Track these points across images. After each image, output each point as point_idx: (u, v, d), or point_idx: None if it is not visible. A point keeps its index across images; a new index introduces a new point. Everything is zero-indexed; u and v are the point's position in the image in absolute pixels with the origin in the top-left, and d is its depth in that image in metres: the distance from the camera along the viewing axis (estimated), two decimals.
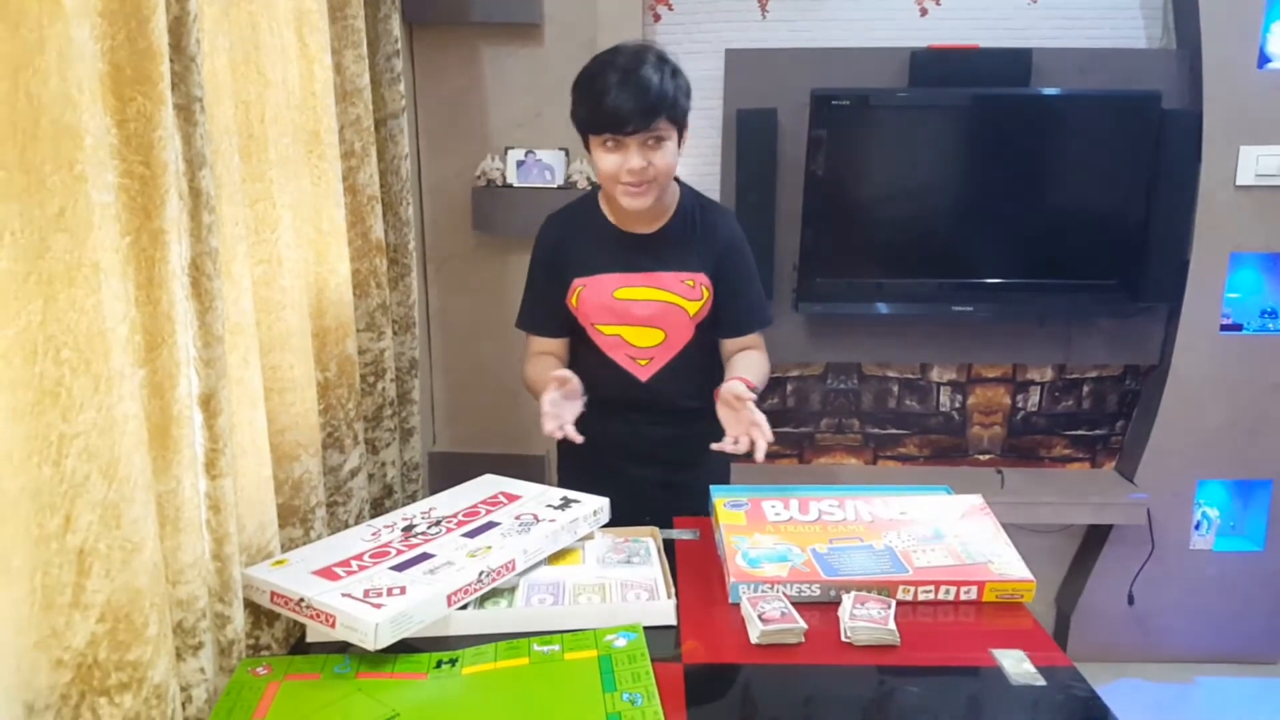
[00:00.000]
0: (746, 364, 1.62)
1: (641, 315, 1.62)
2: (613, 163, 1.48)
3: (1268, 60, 2.42)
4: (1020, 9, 2.49)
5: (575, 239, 1.63)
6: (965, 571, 1.28)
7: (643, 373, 1.65)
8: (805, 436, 2.74)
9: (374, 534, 1.34)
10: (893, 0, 2.50)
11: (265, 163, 1.32)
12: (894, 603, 1.23)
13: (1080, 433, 2.72)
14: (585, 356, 1.69)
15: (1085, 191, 2.45)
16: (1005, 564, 1.30)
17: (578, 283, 1.62)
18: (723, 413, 1.48)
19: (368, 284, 1.75)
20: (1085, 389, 2.69)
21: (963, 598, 1.27)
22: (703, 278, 1.61)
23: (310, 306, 1.51)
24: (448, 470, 2.65)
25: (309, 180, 1.50)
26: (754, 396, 1.44)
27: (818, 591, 1.26)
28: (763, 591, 1.25)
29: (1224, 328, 2.52)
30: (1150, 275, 2.45)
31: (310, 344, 1.44)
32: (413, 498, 1.98)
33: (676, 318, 1.61)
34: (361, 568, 1.22)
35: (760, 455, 1.38)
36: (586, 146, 1.55)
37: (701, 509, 1.60)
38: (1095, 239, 2.46)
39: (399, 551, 1.27)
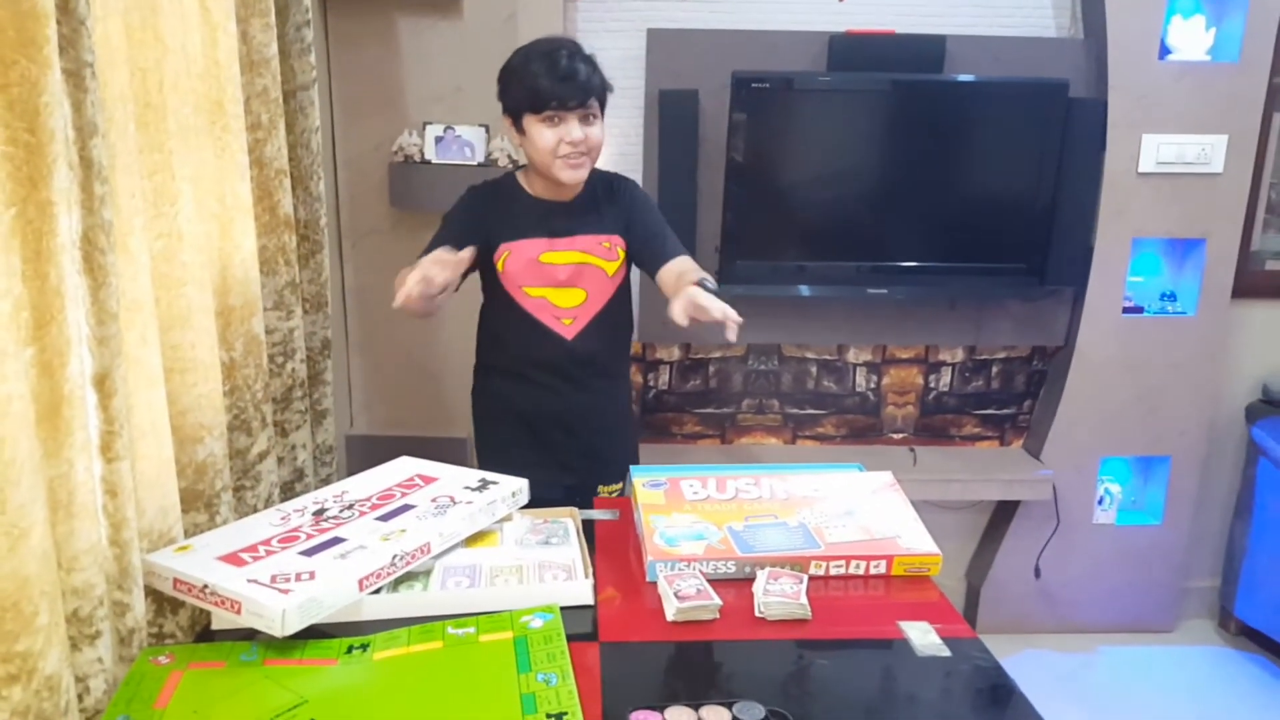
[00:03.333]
0: (692, 273, 1.62)
1: (564, 277, 1.72)
2: (552, 136, 1.60)
3: (1168, 52, 2.52)
4: None
5: (499, 208, 1.73)
6: (874, 546, 1.32)
7: (568, 331, 1.74)
8: (727, 417, 2.77)
9: (283, 518, 1.30)
10: None
11: (164, 133, 1.27)
12: (806, 578, 1.25)
13: (989, 412, 2.81)
14: (511, 322, 1.76)
15: (996, 177, 2.52)
16: (913, 539, 1.34)
17: (504, 247, 1.71)
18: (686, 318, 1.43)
19: (276, 261, 1.70)
20: (994, 369, 2.78)
21: (872, 572, 1.31)
22: (617, 239, 1.75)
23: (214, 284, 1.45)
24: (366, 454, 2.59)
25: (212, 152, 1.45)
26: (711, 290, 1.45)
27: (733, 569, 1.28)
28: (679, 570, 1.26)
29: (1126, 310, 2.62)
30: (1057, 259, 2.53)
31: (214, 323, 1.39)
32: (326, 482, 1.93)
33: (596, 277, 1.73)
34: (269, 553, 1.18)
35: (732, 335, 1.38)
36: (518, 128, 1.65)
37: (617, 475, 1.83)
38: (1005, 224, 2.53)
39: (309, 536, 1.24)
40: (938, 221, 2.52)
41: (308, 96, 1.84)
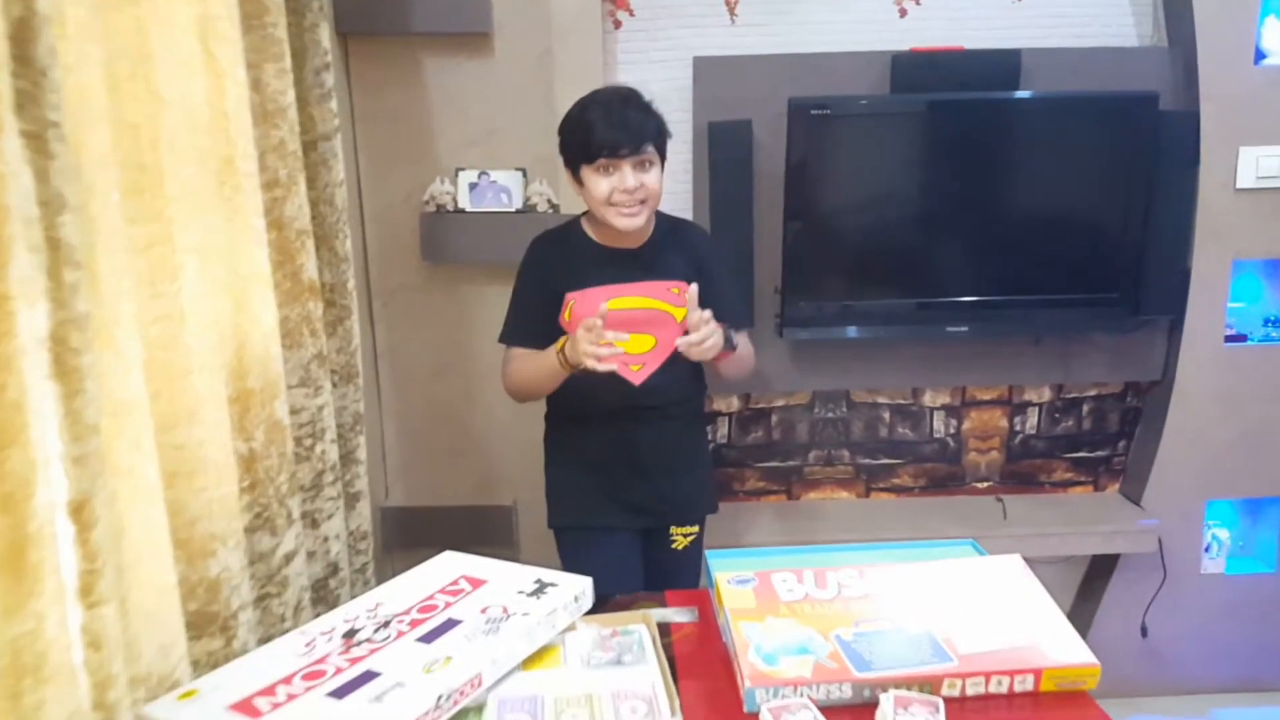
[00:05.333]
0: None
1: (633, 323, 1.66)
2: (605, 185, 1.57)
3: (1263, 56, 2.29)
4: (1004, 8, 2.33)
5: (564, 258, 1.69)
6: (1017, 657, 1.09)
7: (636, 377, 1.69)
8: (793, 470, 2.54)
9: (309, 644, 1.10)
10: (869, 1, 2.32)
11: (162, 199, 1.10)
12: (942, 703, 1.03)
13: (1082, 455, 2.56)
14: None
15: (1081, 201, 2.29)
16: (1062, 644, 1.11)
17: (570, 297, 1.66)
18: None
19: (300, 332, 1.52)
20: (1085, 408, 2.53)
21: (1017, 689, 1.08)
22: (686, 285, 1.65)
23: (229, 366, 1.27)
24: (403, 528, 2.41)
25: (222, 216, 1.27)
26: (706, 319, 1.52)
27: (849, 693, 1.05)
28: (785, 699, 1.04)
29: (1228, 339, 2.38)
30: (1150, 287, 2.29)
31: (228, 412, 1.20)
32: (362, 572, 1.74)
33: (665, 323, 1.68)
34: (291, 696, 0.98)
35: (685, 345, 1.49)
36: (576, 180, 1.62)
37: (691, 517, 1.82)
38: (1093, 251, 2.30)
39: (338, 670, 1.04)
40: (1019, 251, 2.29)
41: (330, 147, 1.67)
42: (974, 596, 1.21)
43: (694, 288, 1.50)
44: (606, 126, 1.54)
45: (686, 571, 1.80)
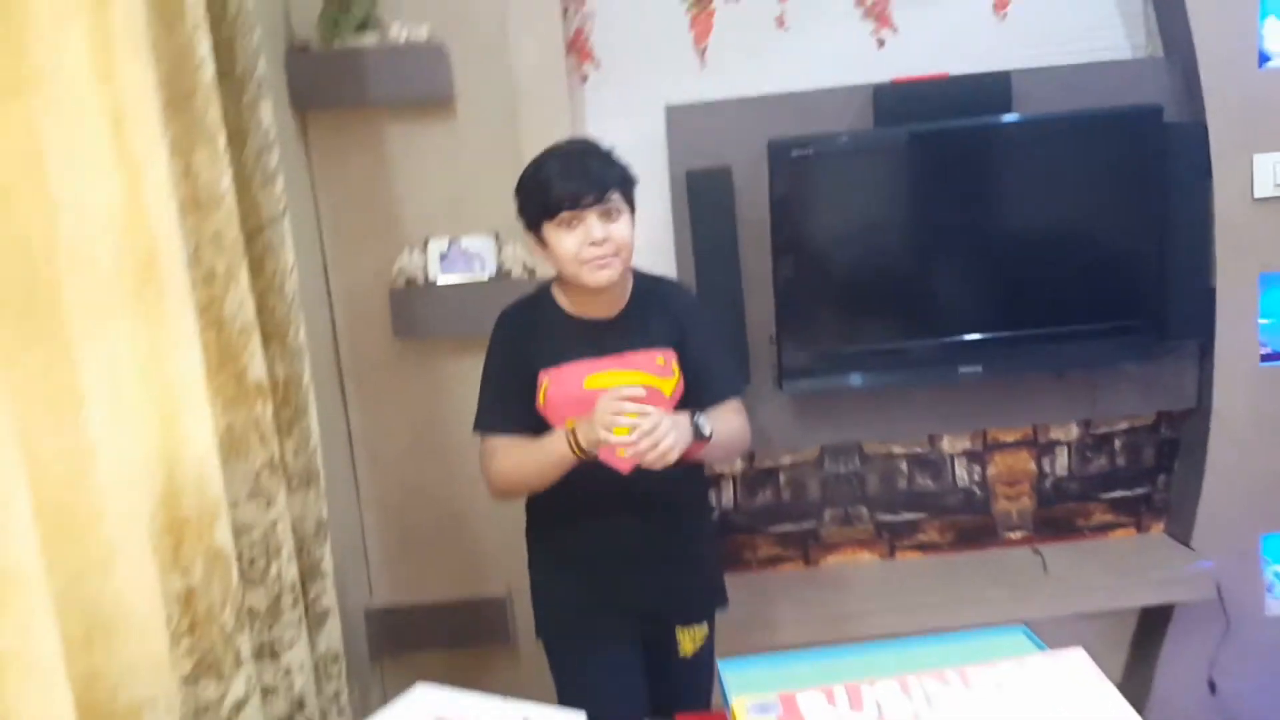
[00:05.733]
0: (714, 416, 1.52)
1: None
2: (573, 241, 1.43)
3: (1267, 59, 2.16)
4: (986, 31, 2.21)
5: (535, 330, 1.54)
6: None
7: (624, 464, 1.45)
8: (808, 533, 2.37)
9: None
10: (844, 34, 2.20)
11: (56, 319, 0.95)
12: None
13: (1119, 494, 2.39)
14: None
15: (1089, 223, 2.15)
16: None
17: (544, 376, 1.50)
18: None
19: (247, 440, 1.36)
20: (1118, 443, 2.36)
21: None
22: (672, 354, 1.54)
23: (158, 495, 1.12)
24: (389, 631, 2.23)
25: (143, 322, 1.13)
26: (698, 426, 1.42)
27: None
28: None
29: (1264, 358, 2.21)
30: (1174, 309, 2.14)
31: (151, 551, 1.04)
32: (335, 699, 1.57)
33: (653, 400, 1.45)
34: None
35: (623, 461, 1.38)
36: (540, 241, 1.48)
37: (698, 615, 1.62)
38: (1108, 275, 2.15)
39: None
40: (1030, 282, 2.15)
41: (277, 232, 1.53)
42: (1037, 707, 1.03)
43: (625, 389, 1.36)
44: (565, 178, 1.42)
45: (697, 682, 1.61)
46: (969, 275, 2.14)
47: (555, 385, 1.49)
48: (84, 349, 0.97)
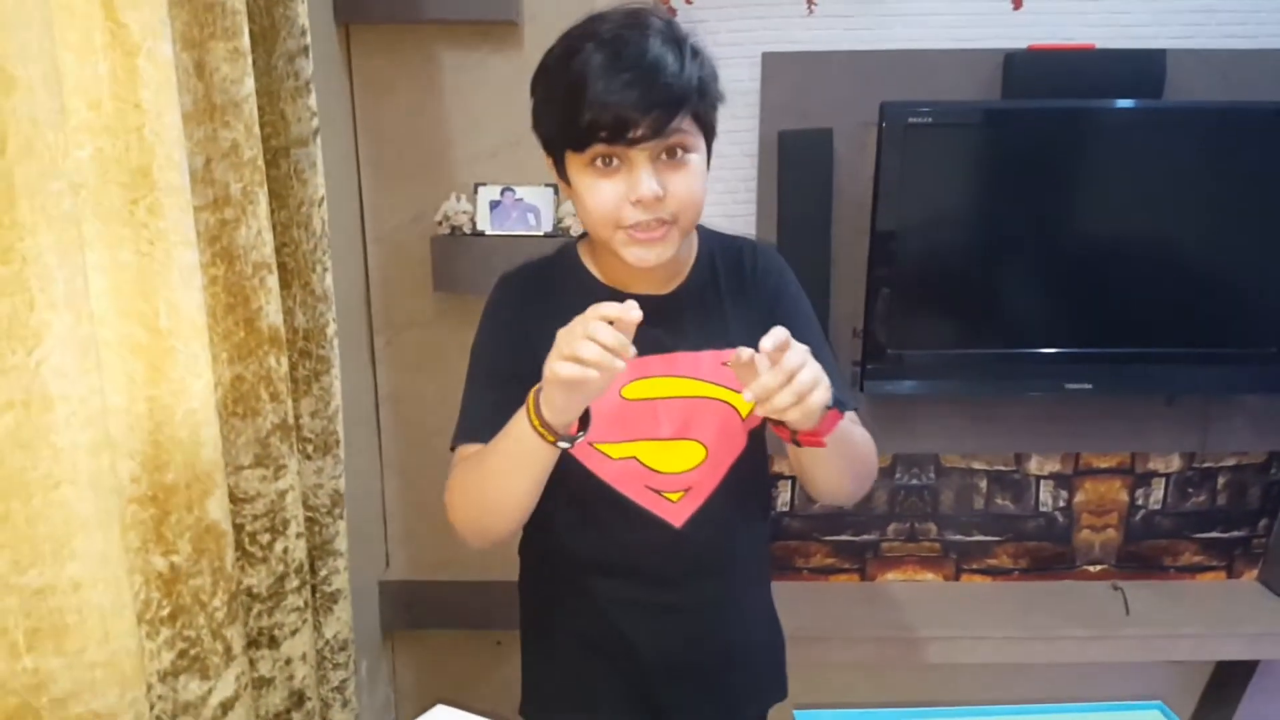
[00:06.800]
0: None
1: (669, 423, 1.04)
2: (609, 194, 0.93)
3: None
4: (1139, 1, 1.93)
5: (550, 311, 0.92)
6: None
7: (675, 515, 1.05)
8: (868, 545, 2.14)
9: None
10: None
11: (14, 230, 0.73)
12: None
13: (1214, 535, 2.14)
14: (578, 501, 1.07)
15: (1229, 234, 1.88)
16: None
17: None
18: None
19: (256, 396, 1.15)
20: (1220, 480, 2.11)
21: None
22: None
23: (140, 456, 0.91)
24: (406, 606, 2.04)
25: (130, 248, 0.91)
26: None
27: None
28: None
29: None
30: None
31: (120, 530, 0.83)
32: (339, 691, 1.37)
33: (721, 419, 1.04)
34: None
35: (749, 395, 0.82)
36: (561, 174, 0.99)
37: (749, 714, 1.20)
38: (1244, 295, 1.89)
39: None
40: (1153, 294, 1.88)
41: (306, 156, 1.30)
42: None
43: (743, 352, 0.84)
44: (610, 81, 0.88)
45: None
46: (1088, 280, 1.88)
47: None
48: (45, 271, 0.76)
